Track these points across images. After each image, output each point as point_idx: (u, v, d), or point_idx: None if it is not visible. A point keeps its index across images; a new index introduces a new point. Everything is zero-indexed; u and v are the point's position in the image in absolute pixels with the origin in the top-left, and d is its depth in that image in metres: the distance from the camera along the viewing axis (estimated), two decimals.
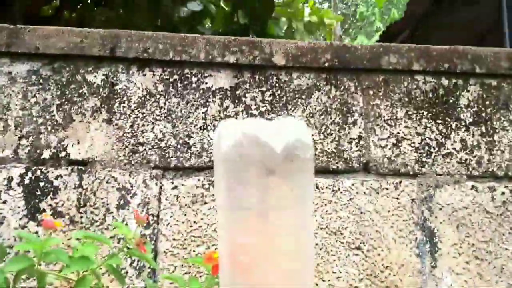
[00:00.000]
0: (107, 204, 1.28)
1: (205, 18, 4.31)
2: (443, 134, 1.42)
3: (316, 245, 1.31)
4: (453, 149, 1.41)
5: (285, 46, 1.39)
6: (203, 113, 1.36)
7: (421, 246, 1.35)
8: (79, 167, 1.29)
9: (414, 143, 1.40)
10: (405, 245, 1.34)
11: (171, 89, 1.36)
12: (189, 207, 1.30)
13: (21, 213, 1.24)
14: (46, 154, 1.28)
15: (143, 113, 1.34)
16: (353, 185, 1.36)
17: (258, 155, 0.59)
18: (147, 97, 1.35)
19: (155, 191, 1.30)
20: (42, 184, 1.26)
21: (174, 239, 1.28)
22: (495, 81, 1.46)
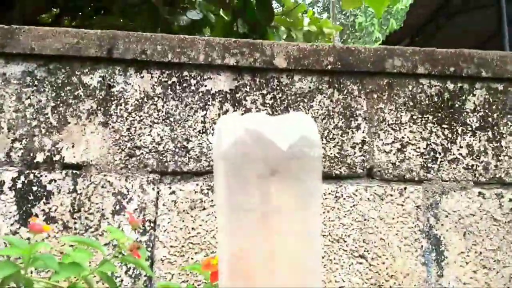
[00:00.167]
0: (102, 209, 1.23)
1: (205, 27, 4.30)
2: (449, 139, 1.38)
3: None
4: (459, 154, 1.37)
5: (287, 48, 1.36)
6: (202, 116, 1.32)
7: (427, 255, 1.31)
8: (74, 171, 1.25)
9: (419, 148, 1.36)
10: (410, 253, 1.30)
11: (169, 91, 1.32)
12: (187, 213, 1.25)
13: (12, 219, 1.20)
14: (40, 157, 1.24)
15: (140, 116, 1.30)
16: (356, 191, 1.32)
17: (261, 153, 0.55)
18: (145, 99, 1.31)
19: (152, 196, 1.25)
20: (35, 188, 1.22)
21: (172, 246, 1.23)
22: (501, 85, 1.43)
